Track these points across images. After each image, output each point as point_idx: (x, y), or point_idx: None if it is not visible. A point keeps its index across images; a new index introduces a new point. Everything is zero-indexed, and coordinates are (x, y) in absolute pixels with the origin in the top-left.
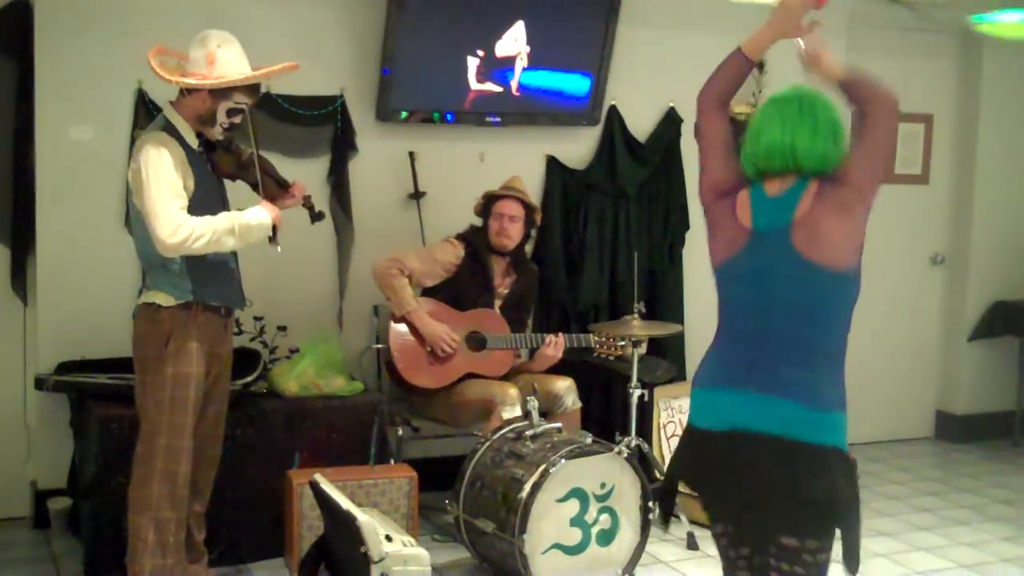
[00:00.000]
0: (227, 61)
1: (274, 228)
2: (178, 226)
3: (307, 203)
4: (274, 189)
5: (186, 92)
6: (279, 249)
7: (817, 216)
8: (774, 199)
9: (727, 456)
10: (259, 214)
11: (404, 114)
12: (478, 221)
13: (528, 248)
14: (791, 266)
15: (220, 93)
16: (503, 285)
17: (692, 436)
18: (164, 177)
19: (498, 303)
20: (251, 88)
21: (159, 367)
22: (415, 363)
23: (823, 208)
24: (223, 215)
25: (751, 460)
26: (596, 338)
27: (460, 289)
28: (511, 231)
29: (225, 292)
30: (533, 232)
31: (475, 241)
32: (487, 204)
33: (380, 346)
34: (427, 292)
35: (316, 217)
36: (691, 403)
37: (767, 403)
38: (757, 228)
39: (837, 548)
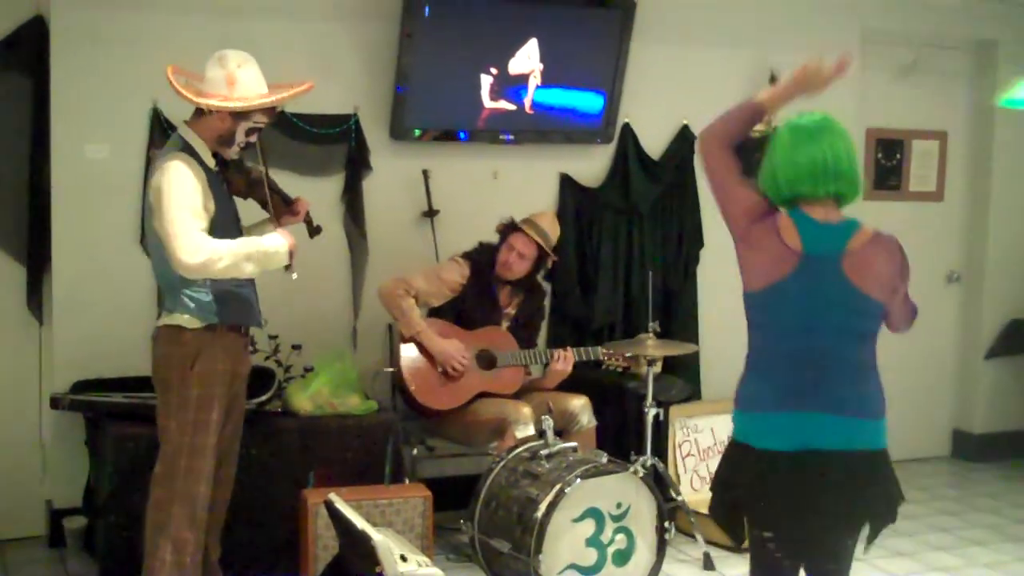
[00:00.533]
0: (247, 82)
1: (290, 255)
2: (199, 248)
3: (306, 217)
4: (281, 206)
5: (210, 111)
6: (295, 276)
7: (869, 253)
8: (825, 225)
9: (798, 475)
10: (277, 241)
11: (418, 132)
12: (489, 237)
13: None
14: (841, 291)
15: (241, 114)
16: (511, 305)
17: (753, 457)
18: (185, 198)
19: (505, 323)
20: (270, 108)
21: (183, 389)
22: (426, 384)
23: (876, 249)
24: (242, 240)
25: (822, 476)
26: (604, 350)
27: (467, 309)
28: (514, 267)
29: (246, 311)
30: (542, 272)
31: (481, 261)
32: (507, 229)
33: (390, 370)
34: (434, 312)
35: (314, 231)
36: (747, 426)
37: (832, 422)
38: (808, 251)
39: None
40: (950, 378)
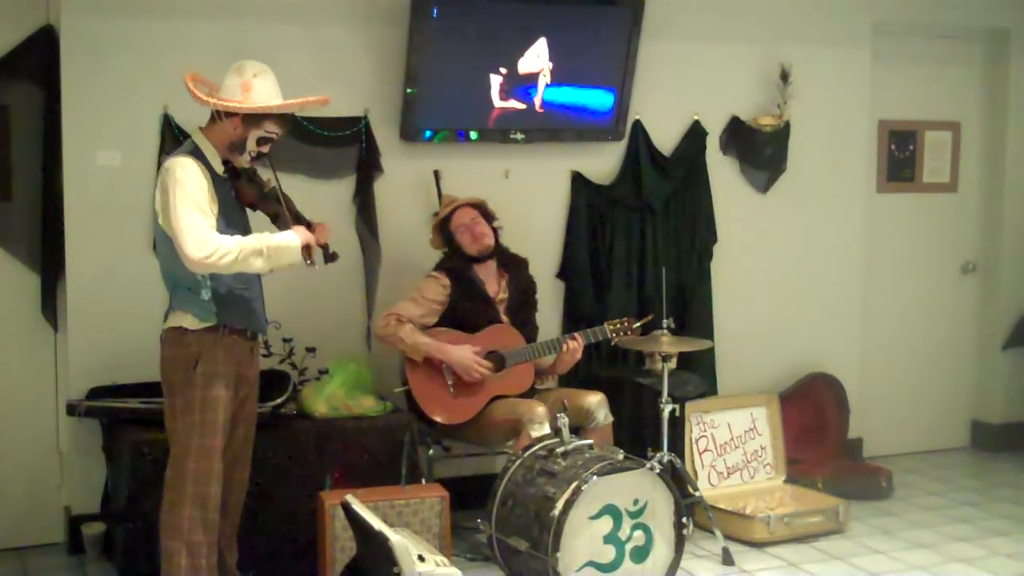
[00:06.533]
0: (262, 90)
1: (308, 248)
2: (205, 240)
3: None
4: (292, 224)
5: (220, 117)
6: (317, 267)
7: None
8: None
9: None
10: (288, 236)
11: (428, 133)
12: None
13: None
14: None
15: (252, 121)
16: (500, 290)
17: None
18: (192, 194)
19: (502, 310)
20: (282, 118)
21: (188, 391)
22: (440, 402)
23: None
24: (252, 236)
25: None
26: (611, 327)
27: (462, 314)
28: (483, 230)
29: (249, 316)
30: (498, 223)
31: (454, 264)
32: (443, 229)
33: (404, 388)
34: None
35: (330, 258)
36: None
37: None
38: None
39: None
40: (968, 369)
